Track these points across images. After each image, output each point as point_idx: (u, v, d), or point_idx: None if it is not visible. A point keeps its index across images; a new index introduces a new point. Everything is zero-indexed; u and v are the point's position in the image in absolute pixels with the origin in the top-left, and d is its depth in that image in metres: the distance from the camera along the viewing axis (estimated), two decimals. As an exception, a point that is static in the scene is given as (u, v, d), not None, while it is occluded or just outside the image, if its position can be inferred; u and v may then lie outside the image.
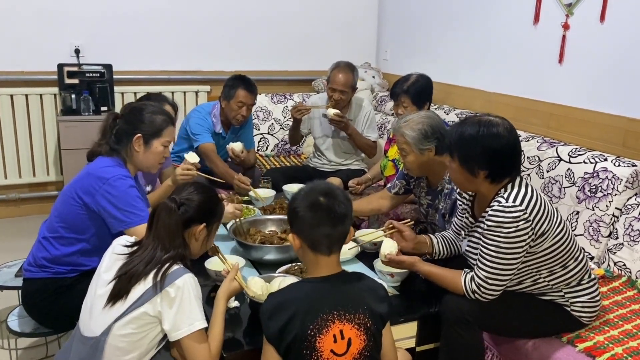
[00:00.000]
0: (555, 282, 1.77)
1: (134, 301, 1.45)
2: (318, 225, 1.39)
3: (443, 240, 2.05)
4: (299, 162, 3.91)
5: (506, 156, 1.68)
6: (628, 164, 2.34)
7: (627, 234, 2.23)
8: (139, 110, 2.00)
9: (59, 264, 1.93)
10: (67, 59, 3.69)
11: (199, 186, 1.65)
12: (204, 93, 4.12)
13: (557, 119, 2.92)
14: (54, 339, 2.39)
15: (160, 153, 2.02)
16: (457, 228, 1.98)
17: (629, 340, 1.78)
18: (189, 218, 1.56)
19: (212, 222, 1.64)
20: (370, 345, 1.40)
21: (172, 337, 1.46)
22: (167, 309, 1.44)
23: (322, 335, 1.35)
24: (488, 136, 1.65)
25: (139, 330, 1.46)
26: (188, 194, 1.58)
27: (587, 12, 2.71)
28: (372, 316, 1.41)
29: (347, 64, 3.18)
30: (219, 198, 1.71)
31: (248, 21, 4.17)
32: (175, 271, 1.47)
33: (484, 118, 1.70)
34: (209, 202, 1.62)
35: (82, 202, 1.87)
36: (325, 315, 1.36)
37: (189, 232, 1.58)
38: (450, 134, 1.75)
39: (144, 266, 1.47)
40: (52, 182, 3.90)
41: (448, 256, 2.05)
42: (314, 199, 1.41)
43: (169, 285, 1.44)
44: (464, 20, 3.58)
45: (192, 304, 1.46)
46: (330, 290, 1.41)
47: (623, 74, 2.56)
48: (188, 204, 1.56)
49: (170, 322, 1.44)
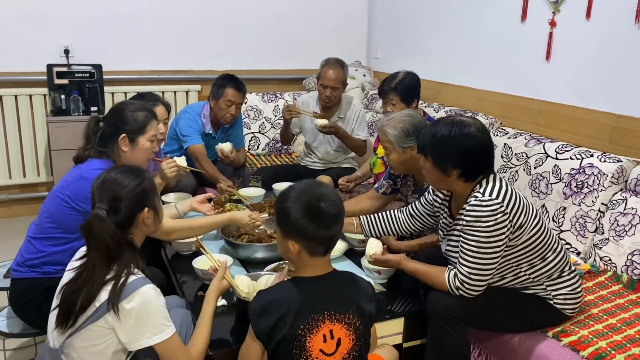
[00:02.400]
0: (536, 275, 1.79)
1: (86, 318, 1.38)
2: (318, 231, 1.36)
3: (376, 221, 2.11)
4: (290, 161, 3.92)
5: (478, 155, 1.71)
6: (613, 160, 2.36)
7: (612, 229, 2.25)
8: (120, 110, 2.01)
9: (48, 264, 1.93)
10: (56, 59, 3.68)
11: (116, 177, 1.49)
12: (194, 92, 4.12)
13: (545, 116, 2.93)
14: (42, 340, 2.38)
15: (148, 149, 2.04)
16: (418, 215, 2.03)
17: (612, 334, 1.80)
18: (127, 215, 1.46)
19: (150, 198, 1.51)
20: (359, 345, 1.41)
21: (131, 347, 1.41)
22: (119, 322, 1.36)
23: (313, 335, 1.36)
24: (460, 136, 1.68)
25: (99, 342, 1.40)
26: (111, 193, 1.45)
27: (573, 9, 2.73)
28: (361, 316, 1.41)
29: (337, 60, 3.19)
30: (141, 169, 1.56)
31: (238, 20, 4.17)
32: (133, 283, 1.38)
33: (456, 118, 1.74)
34: (137, 186, 1.48)
35: (77, 207, 1.86)
36: (316, 315, 1.36)
37: (135, 223, 1.49)
38: (423, 135, 1.78)
39: (85, 289, 1.37)
40: (42, 183, 3.89)
41: (384, 235, 2.13)
42: (311, 204, 1.36)
43: (124, 298, 1.36)
44: (454, 18, 3.59)
45: (153, 315, 1.39)
46: (323, 290, 1.41)
47: (609, 70, 2.58)
48: (118, 203, 1.44)
49: (127, 334, 1.38)
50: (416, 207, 2.05)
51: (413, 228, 2.09)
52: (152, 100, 2.56)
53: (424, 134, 1.78)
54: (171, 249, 2.23)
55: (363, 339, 1.42)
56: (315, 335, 1.35)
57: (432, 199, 1.98)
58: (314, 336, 1.35)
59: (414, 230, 2.11)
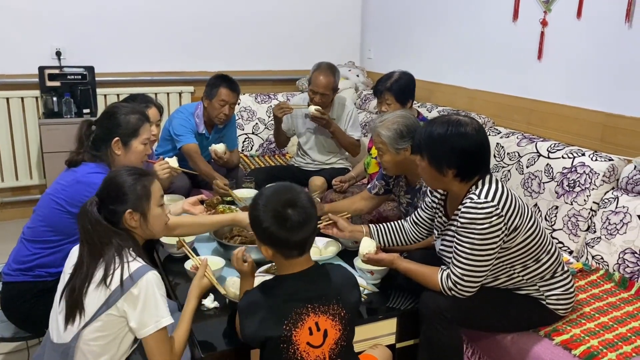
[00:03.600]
0: (529, 276, 1.79)
1: (99, 306, 1.43)
2: (288, 237, 1.37)
3: (386, 231, 2.09)
4: (284, 161, 3.91)
5: (474, 155, 1.70)
6: (605, 159, 2.37)
7: (604, 228, 2.26)
8: (112, 114, 2.00)
9: (40, 267, 1.92)
10: (48, 61, 3.66)
11: (120, 174, 1.55)
12: (187, 94, 4.11)
13: (537, 115, 2.94)
14: (35, 344, 2.36)
15: (142, 152, 2.03)
16: (422, 221, 2.01)
17: (604, 332, 1.81)
18: (110, 212, 1.51)
19: (136, 203, 1.53)
20: (346, 335, 1.43)
21: (140, 334, 1.45)
22: (131, 308, 1.43)
23: (298, 329, 1.37)
24: (456, 135, 1.68)
25: (109, 332, 1.45)
26: (104, 190, 1.53)
27: (564, 8, 2.74)
28: (346, 305, 1.43)
29: (329, 66, 3.17)
30: (143, 176, 1.58)
31: (231, 21, 4.16)
32: (138, 270, 1.45)
33: (452, 118, 1.73)
34: (122, 188, 1.52)
35: (72, 210, 1.85)
36: (299, 310, 1.37)
37: (122, 222, 1.52)
38: (419, 134, 1.77)
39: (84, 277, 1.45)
40: (35, 186, 3.87)
41: (394, 247, 2.10)
42: (277, 212, 1.37)
43: (132, 285, 1.43)
44: (446, 18, 3.60)
45: (157, 301, 1.45)
46: (304, 285, 1.42)
47: (600, 69, 2.59)
48: (104, 199, 1.51)
49: (136, 320, 1.44)
50: (419, 214, 2.02)
51: (419, 236, 2.05)
52: (144, 102, 2.55)
53: (419, 133, 1.77)
54: (164, 250, 2.22)
55: (349, 328, 1.44)
56: (300, 329, 1.37)
57: (430, 200, 1.97)
58: (300, 330, 1.37)
59: (421, 238, 2.06)
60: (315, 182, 3.12)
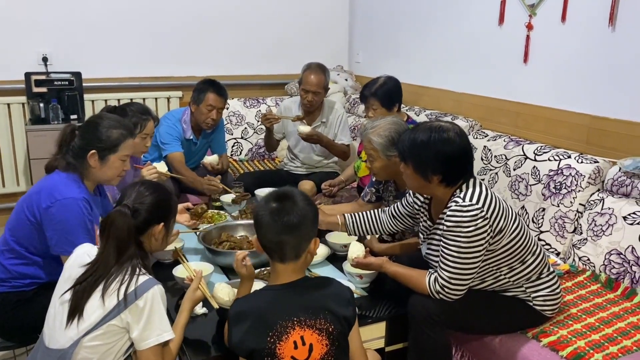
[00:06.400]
0: (515, 277, 1.81)
1: (103, 316, 1.43)
2: (267, 232, 1.42)
3: (362, 221, 2.14)
4: (273, 166, 3.91)
5: (458, 159, 1.72)
6: (590, 161, 2.39)
7: (590, 229, 2.28)
8: (95, 125, 1.91)
9: (16, 278, 1.88)
10: (34, 67, 3.63)
11: (149, 185, 1.60)
12: (175, 99, 4.10)
13: (524, 118, 2.97)
14: (22, 352, 2.35)
15: (119, 167, 1.93)
16: (400, 216, 2.06)
17: (591, 333, 1.82)
18: (144, 221, 1.53)
19: (169, 219, 1.62)
20: (333, 350, 1.41)
21: (140, 346, 1.45)
22: (135, 320, 1.43)
23: (282, 342, 1.36)
24: (439, 141, 1.69)
25: (108, 341, 1.44)
26: (139, 197, 1.54)
27: (548, 12, 2.77)
28: (335, 321, 1.41)
29: (319, 65, 3.20)
30: (171, 192, 1.66)
31: (219, 26, 4.16)
32: (145, 282, 1.45)
33: (435, 124, 1.75)
34: (162, 201, 1.58)
35: (34, 220, 1.83)
36: (284, 322, 1.37)
37: (147, 234, 1.55)
38: (402, 141, 1.79)
39: (94, 281, 1.45)
40: (22, 193, 3.74)
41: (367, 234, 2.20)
42: (268, 205, 1.42)
43: (138, 297, 1.43)
44: (433, 22, 3.62)
45: (162, 315, 1.46)
46: (290, 297, 1.42)
47: (585, 72, 2.61)
48: (141, 207, 1.52)
49: (139, 332, 1.44)
50: (398, 209, 2.07)
51: (395, 228, 2.12)
52: (143, 114, 2.45)
53: (403, 140, 1.79)
54: (152, 257, 2.20)
55: (338, 343, 1.42)
56: (285, 342, 1.36)
57: (412, 200, 1.99)
58: (284, 343, 1.36)
59: (395, 230, 2.14)
60: (304, 187, 3.12)
